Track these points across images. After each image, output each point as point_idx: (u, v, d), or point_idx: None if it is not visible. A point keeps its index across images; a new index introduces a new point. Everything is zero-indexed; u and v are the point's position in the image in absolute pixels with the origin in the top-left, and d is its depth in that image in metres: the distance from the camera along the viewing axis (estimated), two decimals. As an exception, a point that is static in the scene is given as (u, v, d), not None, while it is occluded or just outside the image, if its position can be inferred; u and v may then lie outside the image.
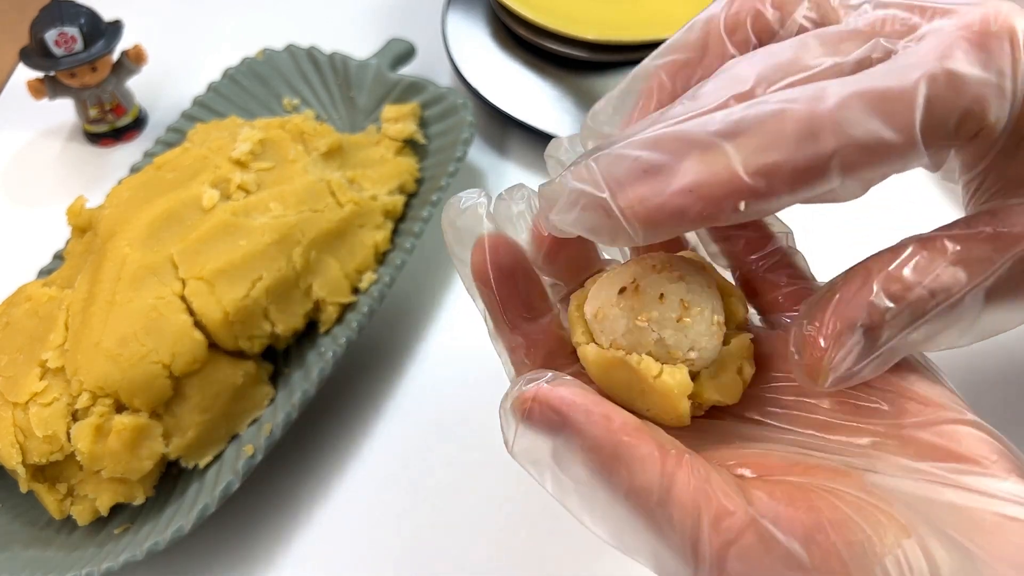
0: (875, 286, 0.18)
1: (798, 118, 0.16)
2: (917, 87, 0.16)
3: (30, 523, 0.36)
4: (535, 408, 0.18)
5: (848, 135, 0.16)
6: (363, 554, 0.37)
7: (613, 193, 0.17)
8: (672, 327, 0.19)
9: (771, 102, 0.16)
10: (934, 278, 0.17)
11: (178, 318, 0.36)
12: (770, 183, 0.16)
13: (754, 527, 0.17)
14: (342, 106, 0.51)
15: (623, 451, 0.17)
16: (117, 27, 0.50)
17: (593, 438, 0.17)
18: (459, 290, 0.45)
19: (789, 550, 0.16)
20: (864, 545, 0.16)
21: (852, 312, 0.18)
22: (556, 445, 0.18)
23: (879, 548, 0.16)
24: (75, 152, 0.53)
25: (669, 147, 0.17)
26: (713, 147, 0.16)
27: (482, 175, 0.50)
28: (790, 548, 0.16)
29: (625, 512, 0.17)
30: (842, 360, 0.18)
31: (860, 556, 0.16)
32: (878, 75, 0.16)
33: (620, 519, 0.18)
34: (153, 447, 0.35)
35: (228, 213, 0.39)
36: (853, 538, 0.17)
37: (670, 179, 0.16)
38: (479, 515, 0.37)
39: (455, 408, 0.41)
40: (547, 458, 0.18)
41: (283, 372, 0.40)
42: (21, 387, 0.35)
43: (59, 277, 0.40)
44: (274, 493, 0.38)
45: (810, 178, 0.16)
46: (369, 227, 0.42)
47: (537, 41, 0.50)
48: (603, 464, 0.17)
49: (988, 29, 0.16)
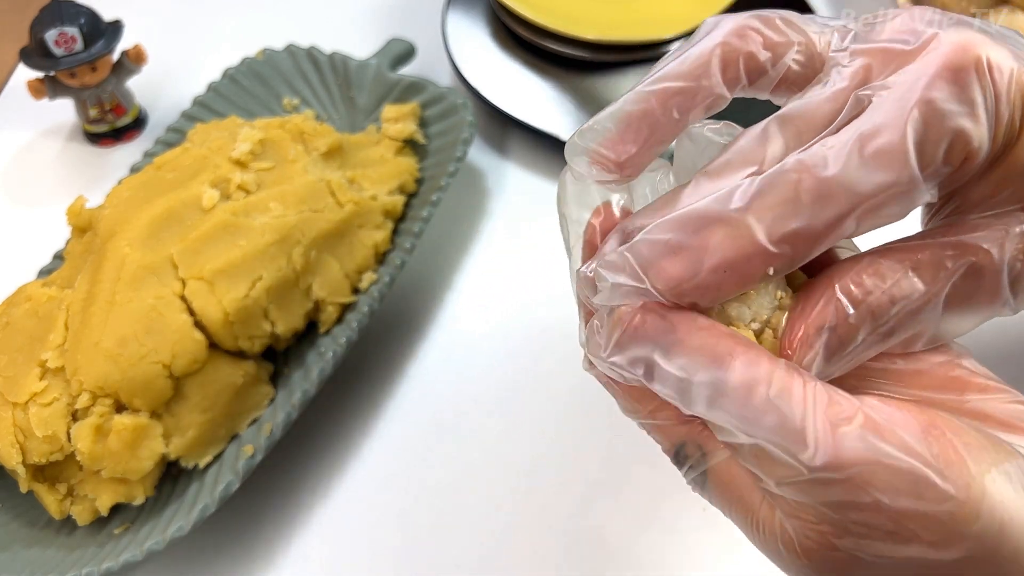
0: (838, 292, 0.19)
1: (810, 187, 0.17)
2: (906, 134, 0.17)
3: (30, 523, 0.36)
4: (640, 318, 0.18)
5: (857, 192, 0.17)
6: (363, 554, 0.37)
7: (651, 279, 0.18)
8: (736, 299, 0.20)
9: (782, 174, 0.18)
10: (893, 284, 0.18)
11: (178, 318, 0.36)
12: (794, 248, 0.18)
13: (867, 416, 0.17)
14: (342, 106, 0.51)
15: (732, 350, 0.18)
16: (117, 27, 0.50)
17: (700, 341, 0.18)
18: (459, 290, 0.45)
19: (904, 439, 0.17)
20: (980, 449, 0.17)
21: (817, 319, 0.19)
22: (660, 349, 0.18)
23: (995, 455, 0.17)
24: (75, 152, 0.53)
25: (695, 227, 0.18)
26: (737, 223, 0.18)
27: (482, 175, 0.50)
28: (905, 438, 0.17)
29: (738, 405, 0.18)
30: (811, 361, 0.19)
31: (978, 456, 0.17)
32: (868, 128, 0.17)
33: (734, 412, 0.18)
34: (153, 447, 0.35)
35: (228, 213, 0.39)
36: (969, 440, 0.17)
37: (701, 258, 0.18)
38: (479, 515, 0.37)
39: (455, 408, 0.41)
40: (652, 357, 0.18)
41: (283, 372, 0.40)
42: (21, 387, 0.35)
43: (59, 277, 0.40)
44: (274, 493, 0.38)
45: (830, 235, 0.18)
46: (369, 227, 0.42)
47: (537, 41, 0.50)
48: (714, 361, 0.18)
49: (957, 64, 0.18)
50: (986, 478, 0.17)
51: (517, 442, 0.39)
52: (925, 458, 0.16)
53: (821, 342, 0.18)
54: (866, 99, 0.18)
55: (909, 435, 0.17)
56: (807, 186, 0.17)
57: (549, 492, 0.38)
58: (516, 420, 0.40)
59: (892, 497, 0.16)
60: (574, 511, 0.37)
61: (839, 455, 0.16)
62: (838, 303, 0.18)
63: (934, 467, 0.16)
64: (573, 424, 0.40)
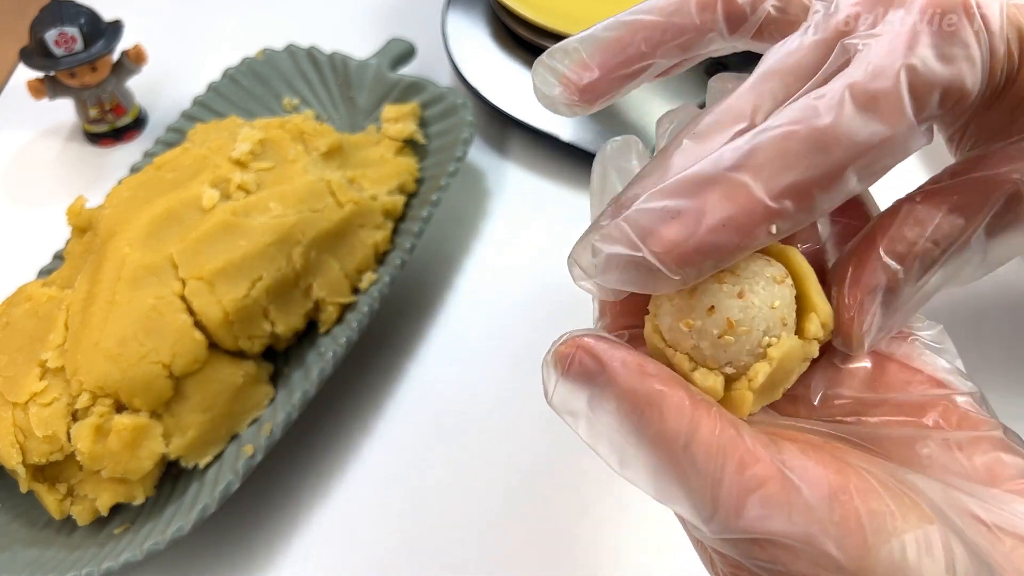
0: (883, 255, 0.19)
1: (804, 137, 0.17)
2: (899, 81, 0.17)
3: (30, 523, 0.36)
4: (576, 357, 0.18)
5: (853, 142, 0.17)
6: (363, 553, 0.37)
7: (648, 245, 0.17)
8: (711, 341, 0.19)
9: (773, 128, 0.17)
10: (935, 229, 0.19)
11: (178, 318, 0.36)
12: (795, 202, 0.17)
13: (779, 476, 0.17)
14: (342, 106, 0.51)
15: (654, 398, 0.18)
16: (117, 27, 0.50)
17: (627, 384, 0.18)
18: (459, 290, 0.45)
19: (809, 504, 0.17)
20: (886, 516, 0.17)
21: (867, 280, 0.19)
22: (592, 393, 0.18)
23: (900, 524, 0.17)
24: (75, 152, 0.53)
25: (690, 190, 0.17)
26: (732, 181, 0.17)
27: (482, 175, 0.50)
28: (811, 502, 0.17)
29: (653, 457, 0.18)
30: (869, 325, 0.19)
31: (880, 525, 0.17)
32: (859, 78, 0.17)
33: (649, 465, 0.18)
34: (153, 447, 0.35)
35: (228, 213, 0.39)
36: (876, 507, 0.17)
37: (699, 219, 0.17)
38: (478, 514, 0.37)
39: (455, 408, 0.41)
40: (583, 407, 0.19)
41: (283, 372, 0.40)
42: (21, 387, 0.35)
43: (59, 277, 0.40)
44: (274, 493, 0.38)
45: (830, 187, 0.17)
46: (369, 227, 0.43)
47: (537, 41, 0.50)
48: (634, 409, 0.18)
49: (946, 5, 0.18)
50: (883, 549, 0.16)
51: (517, 442, 0.39)
52: (824, 523, 0.16)
53: (876, 303, 0.19)
54: (853, 48, 0.18)
55: (816, 498, 0.17)
56: (801, 137, 0.17)
57: (549, 492, 0.38)
58: (516, 420, 0.40)
59: (791, 561, 0.17)
60: (574, 511, 0.37)
61: (741, 525, 0.17)
62: (885, 265, 0.19)
63: (831, 534, 0.16)
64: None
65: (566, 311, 0.45)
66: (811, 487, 0.17)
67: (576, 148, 0.48)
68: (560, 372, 0.19)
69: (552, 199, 0.49)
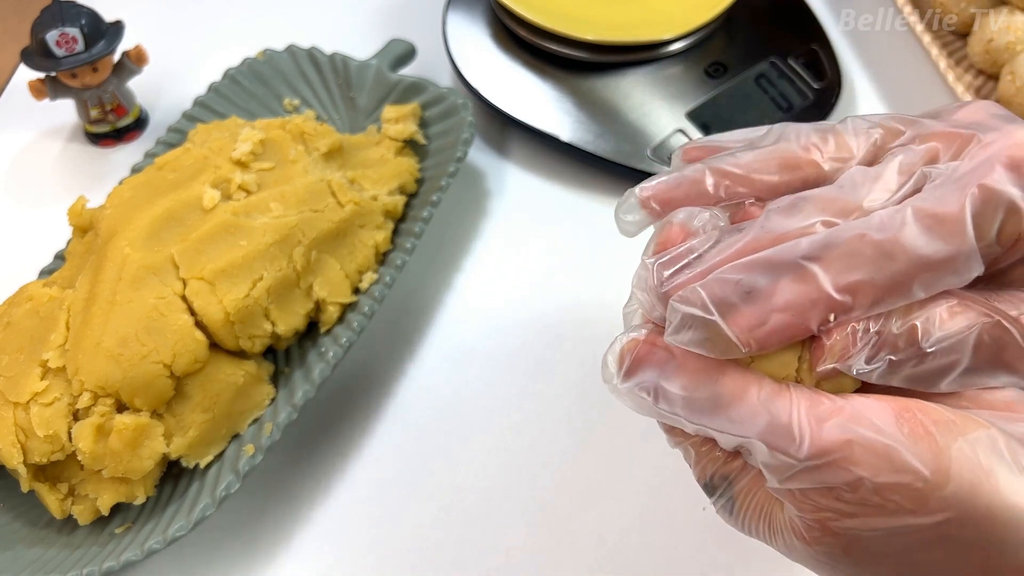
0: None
1: (875, 242, 0.19)
2: (965, 208, 0.19)
3: (31, 523, 0.37)
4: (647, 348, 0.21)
5: (918, 256, 0.19)
6: (363, 553, 0.37)
7: (723, 316, 0.19)
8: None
9: (849, 229, 0.19)
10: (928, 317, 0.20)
11: (179, 318, 0.36)
12: (856, 298, 0.19)
13: (848, 408, 0.19)
14: (343, 106, 0.51)
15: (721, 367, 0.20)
16: (118, 28, 0.50)
17: (696, 362, 0.20)
18: (459, 291, 0.45)
19: (879, 425, 0.19)
20: (950, 424, 0.19)
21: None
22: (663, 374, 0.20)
23: (964, 428, 0.19)
24: (76, 152, 0.53)
25: (764, 270, 0.19)
26: (803, 270, 0.19)
27: (482, 175, 0.51)
28: (880, 424, 0.19)
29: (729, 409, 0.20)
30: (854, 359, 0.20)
31: (946, 430, 0.19)
32: (930, 200, 0.19)
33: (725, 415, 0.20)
34: (154, 447, 0.35)
35: (229, 213, 0.39)
36: (939, 418, 0.19)
37: (769, 301, 0.19)
38: (478, 514, 0.38)
39: (455, 408, 0.41)
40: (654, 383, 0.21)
41: (284, 372, 0.40)
42: (22, 387, 0.35)
43: (60, 277, 0.40)
44: (275, 493, 0.38)
45: (892, 293, 0.19)
46: (370, 227, 0.43)
47: (537, 42, 0.50)
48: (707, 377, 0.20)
49: (1019, 159, 0.19)
50: (952, 448, 0.18)
51: (517, 442, 0.39)
52: (896, 437, 0.18)
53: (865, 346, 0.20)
54: (930, 175, 0.20)
55: (882, 420, 0.19)
56: (872, 242, 0.19)
57: (549, 491, 0.38)
58: (516, 420, 0.40)
59: (872, 474, 0.18)
60: (574, 511, 0.37)
61: (822, 444, 0.19)
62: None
63: (904, 444, 0.18)
64: (573, 424, 0.40)
65: (566, 311, 0.45)
66: (877, 413, 0.19)
67: (576, 148, 0.48)
68: (629, 361, 0.21)
69: (552, 199, 0.49)
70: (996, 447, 0.19)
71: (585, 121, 0.49)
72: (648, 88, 0.50)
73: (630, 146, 0.48)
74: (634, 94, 0.49)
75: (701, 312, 0.19)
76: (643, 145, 0.48)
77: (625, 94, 0.49)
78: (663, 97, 0.49)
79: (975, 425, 0.19)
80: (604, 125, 0.48)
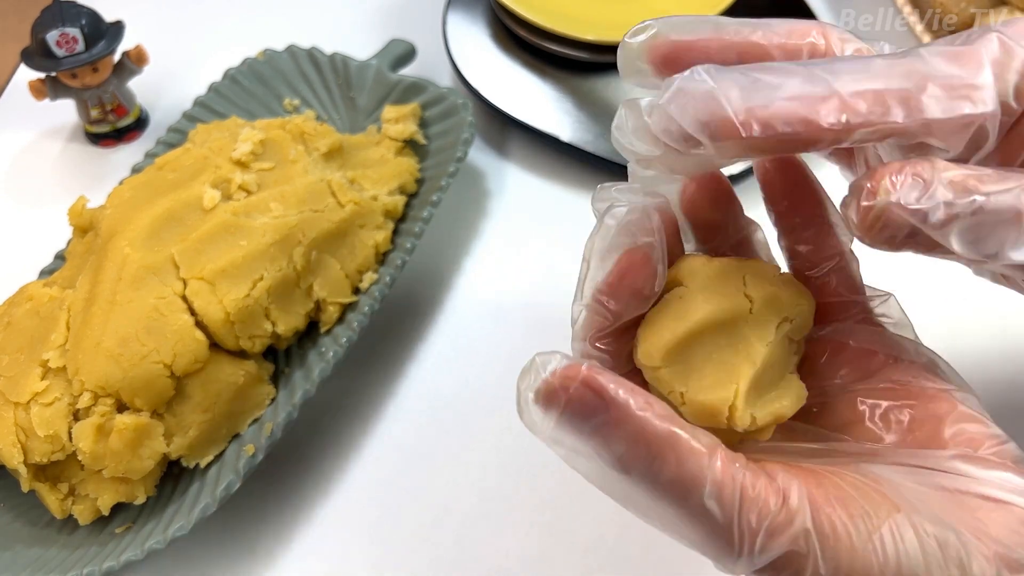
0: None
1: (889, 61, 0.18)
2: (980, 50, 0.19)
3: (32, 523, 0.36)
4: (577, 389, 0.18)
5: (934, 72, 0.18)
6: (363, 553, 0.37)
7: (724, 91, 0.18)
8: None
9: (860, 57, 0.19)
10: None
11: (179, 318, 0.36)
12: (869, 105, 0.18)
13: (785, 506, 0.18)
14: (343, 106, 0.51)
15: (668, 441, 0.18)
16: (118, 28, 0.50)
17: (638, 426, 0.18)
18: (459, 290, 0.45)
19: (806, 527, 0.18)
20: (863, 516, 0.19)
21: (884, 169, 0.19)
22: (594, 427, 0.18)
23: (875, 520, 0.19)
24: (76, 152, 0.53)
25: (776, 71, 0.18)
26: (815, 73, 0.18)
27: (482, 175, 0.51)
28: (806, 525, 0.18)
29: (670, 502, 0.18)
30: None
31: (861, 526, 0.19)
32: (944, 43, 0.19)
33: (663, 509, 0.19)
34: (154, 446, 0.35)
35: (229, 213, 0.39)
36: (854, 511, 0.19)
37: (776, 91, 0.18)
38: (479, 515, 0.38)
39: (455, 408, 0.41)
40: (582, 444, 0.19)
41: (284, 372, 0.40)
42: (22, 387, 0.35)
43: (60, 277, 0.40)
44: (275, 493, 0.39)
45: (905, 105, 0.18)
46: (370, 227, 0.43)
47: (537, 42, 0.50)
48: (647, 453, 0.18)
49: None
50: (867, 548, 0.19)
51: (517, 442, 0.39)
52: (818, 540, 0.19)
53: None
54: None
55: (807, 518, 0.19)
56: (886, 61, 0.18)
57: (549, 491, 0.38)
58: (516, 420, 0.40)
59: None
60: (574, 510, 0.37)
61: (762, 559, 0.18)
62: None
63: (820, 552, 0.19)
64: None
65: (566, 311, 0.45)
66: (801, 506, 0.19)
67: (576, 148, 0.48)
68: (556, 407, 0.18)
69: (552, 199, 0.49)
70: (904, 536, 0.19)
71: (585, 121, 0.49)
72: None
73: (630, 146, 0.48)
74: (634, 94, 0.49)
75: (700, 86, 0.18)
76: (643, 145, 0.48)
77: (625, 94, 0.49)
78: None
79: (888, 508, 0.19)
80: (604, 125, 0.48)
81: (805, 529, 0.18)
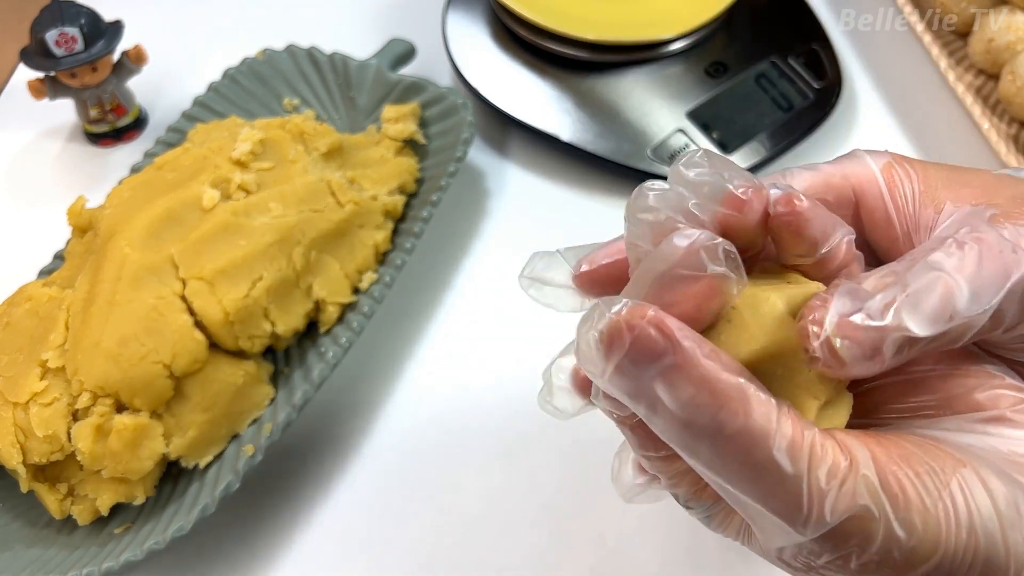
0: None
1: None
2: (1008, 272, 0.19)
3: (31, 523, 0.36)
4: (644, 330, 0.17)
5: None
6: (363, 553, 0.37)
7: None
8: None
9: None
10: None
11: (178, 318, 0.36)
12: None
13: (854, 472, 0.17)
14: (342, 106, 0.51)
15: (737, 390, 0.17)
16: (118, 27, 0.50)
17: (707, 372, 0.17)
18: (459, 290, 0.45)
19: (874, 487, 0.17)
20: (929, 473, 0.18)
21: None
22: (659, 371, 0.17)
23: (942, 476, 0.18)
24: (75, 152, 0.53)
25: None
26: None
27: (482, 175, 0.51)
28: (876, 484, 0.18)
29: (735, 455, 0.17)
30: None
31: (929, 483, 0.18)
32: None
33: (727, 461, 0.17)
34: (153, 447, 0.35)
35: (228, 213, 0.39)
36: (920, 468, 0.18)
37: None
38: (479, 514, 0.37)
39: (455, 408, 0.41)
40: (647, 388, 0.17)
41: (283, 372, 0.40)
42: (22, 387, 0.35)
43: (59, 277, 0.40)
44: (274, 493, 0.38)
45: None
46: (369, 227, 0.43)
47: (537, 41, 0.50)
48: (715, 400, 0.17)
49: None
50: (939, 509, 0.18)
51: (517, 442, 0.39)
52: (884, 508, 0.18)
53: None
54: None
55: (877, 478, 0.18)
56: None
57: (549, 491, 0.38)
58: (516, 420, 0.40)
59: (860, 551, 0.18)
60: (574, 510, 0.37)
61: (828, 521, 0.17)
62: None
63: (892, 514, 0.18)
64: (574, 423, 0.40)
65: (566, 311, 0.45)
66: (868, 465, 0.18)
67: (576, 148, 0.48)
68: (620, 348, 0.17)
69: (552, 199, 0.49)
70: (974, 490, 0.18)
71: (585, 121, 0.49)
72: (648, 88, 0.50)
73: (630, 146, 0.48)
74: (634, 94, 0.49)
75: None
76: (643, 145, 0.48)
77: (625, 94, 0.49)
78: (663, 97, 0.49)
79: (953, 464, 0.18)
80: (604, 125, 0.48)
81: (874, 489, 0.17)
